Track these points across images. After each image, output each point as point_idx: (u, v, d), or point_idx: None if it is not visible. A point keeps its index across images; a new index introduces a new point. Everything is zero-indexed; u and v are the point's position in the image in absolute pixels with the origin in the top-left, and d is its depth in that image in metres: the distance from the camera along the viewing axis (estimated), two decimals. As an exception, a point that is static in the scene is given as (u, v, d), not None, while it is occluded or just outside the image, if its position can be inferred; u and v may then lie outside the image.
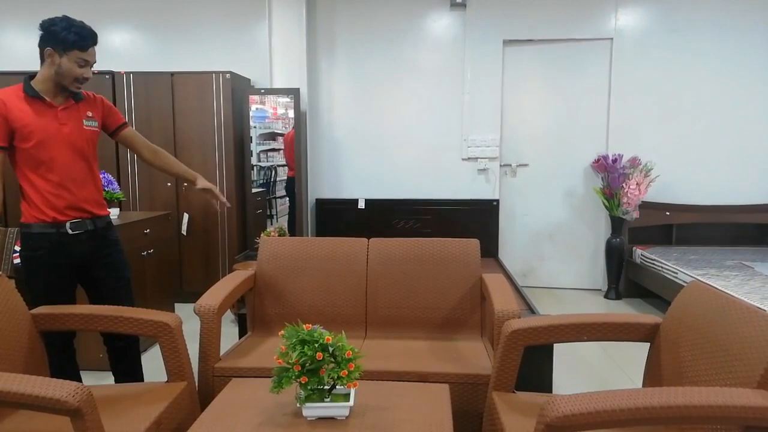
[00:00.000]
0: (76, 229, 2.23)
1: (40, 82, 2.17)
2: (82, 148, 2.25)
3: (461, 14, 4.98)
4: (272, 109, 4.99)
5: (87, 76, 2.19)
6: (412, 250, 2.72)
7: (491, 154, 5.05)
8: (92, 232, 2.29)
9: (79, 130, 2.24)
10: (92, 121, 2.29)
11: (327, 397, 1.63)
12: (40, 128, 2.13)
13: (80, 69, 2.15)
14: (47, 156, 2.15)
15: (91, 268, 2.32)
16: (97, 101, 2.35)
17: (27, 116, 2.11)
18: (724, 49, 4.76)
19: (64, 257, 2.23)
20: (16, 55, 5.14)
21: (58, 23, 2.12)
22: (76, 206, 2.23)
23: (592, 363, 3.43)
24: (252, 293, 2.71)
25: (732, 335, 1.57)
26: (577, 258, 5.17)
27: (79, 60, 2.14)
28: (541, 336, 1.94)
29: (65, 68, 2.13)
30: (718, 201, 4.85)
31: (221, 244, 4.67)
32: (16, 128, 2.10)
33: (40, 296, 2.20)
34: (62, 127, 2.18)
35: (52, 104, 2.17)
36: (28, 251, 2.21)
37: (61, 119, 2.18)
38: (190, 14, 5.04)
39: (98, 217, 2.32)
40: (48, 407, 1.41)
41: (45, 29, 2.13)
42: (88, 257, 2.30)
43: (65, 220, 2.20)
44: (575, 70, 4.97)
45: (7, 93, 2.12)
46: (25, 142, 2.12)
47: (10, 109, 2.09)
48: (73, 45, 2.11)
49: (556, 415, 1.32)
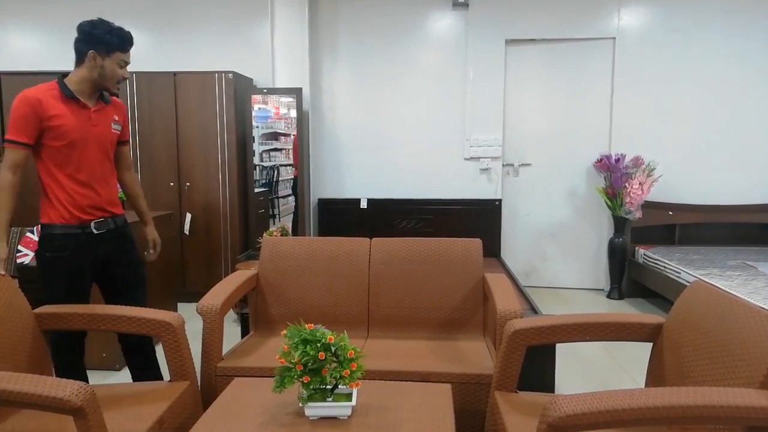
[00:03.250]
0: (100, 229, 2.26)
1: (76, 82, 2.20)
2: (107, 150, 2.31)
3: (463, 14, 4.98)
4: (275, 108, 4.99)
5: (126, 77, 2.26)
6: (414, 250, 2.72)
7: (494, 153, 5.05)
8: (114, 230, 2.33)
9: (108, 132, 2.30)
10: (117, 125, 2.36)
11: (329, 397, 1.64)
12: (75, 128, 2.16)
13: (121, 70, 2.22)
14: (77, 156, 2.19)
15: (110, 266, 2.35)
16: (120, 108, 2.41)
17: (63, 115, 2.14)
18: (728, 48, 4.75)
19: (89, 257, 2.26)
20: (16, 55, 5.16)
21: (99, 26, 2.17)
22: (100, 206, 2.27)
23: (595, 363, 3.42)
24: (254, 293, 2.71)
25: (735, 335, 1.57)
26: (579, 258, 5.17)
27: (120, 62, 2.21)
28: (543, 336, 1.93)
29: (108, 70, 2.19)
30: (721, 201, 4.84)
31: (223, 243, 4.67)
32: (51, 126, 2.12)
33: (59, 297, 2.21)
34: (93, 128, 2.23)
35: (86, 105, 2.21)
36: (53, 252, 2.20)
37: (94, 120, 2.23)
38: (192, 14, 5.05)
39: (117, 215, 2.37)
40: (51, 406, 1.41)
41: (86, 33, 2.17)
42: (110, 256, 2.33)
43: (90, 219, 2.23)
44: (578, 70, 4.96)
45: (42, 91, 2.14)
46: (57, 141, 2.14)
47: (45, 108, 2.11)
48: (116, 47, 2.18)
49: (559, 415, 1.32)
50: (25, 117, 2.09)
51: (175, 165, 4.64)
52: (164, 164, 4.64)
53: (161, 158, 4.63)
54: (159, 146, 4.62)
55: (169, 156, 4.61)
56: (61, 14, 5.11)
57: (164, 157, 4.62)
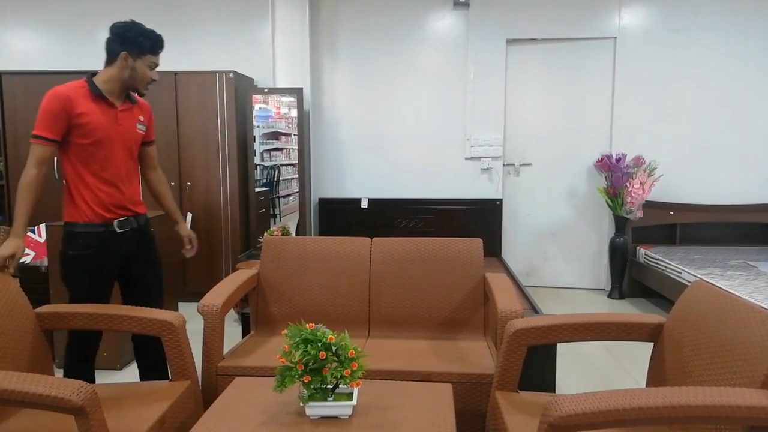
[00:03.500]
0: (123, 227, 2.28)
1: (105, 82, 2.22)
2: (132, 149, 2.33)
3: (464, 13, 4.98)
4: (275, 108, 4.99)
5: (155, 79, 2.30)
6: (415, 250, 2.72)
7: (494, 153, 5.05)
8: (136, 229, 2.35)
9: (133, 131, 2.32)
10: (142, 125, 2.38)
11: (330, 397, 1.64)
12: (102, 126, 2.18)
13: (150, 72, 2.27)
14: (103, 154, 2.20)
15: (132, 265, 2.36)
16: (146, 109, 2.43)
17: (91, 113, 2.16)
18: (729, 48, 4.75)
19: (112, 255, 2.27)
20: (17, 55, 5.16)
21: (133, 29, 2.22)
22: (123, 205, 2.28)
23: (596, 363, 3.42)
24: (255, 292, 2.71)
25: (736, 335, 1.57)
26: (580, 257, 5.16)
27: (151, 64, 2.27)
28: (544, 336, 1.93)
29: (140, 71, 2.23)
30: (722, 200, 4.84)
31: (224, 243, 4.67)
32: (78, 124, 2.13)
33: (82, 295, 2.22)
34: (119, 128, 2.25)
35: (114, 104, 2.24)
36: (76, 250, 2.22)
37: (120, 120, 2.25)
38: (193, 14, 5.05)
39: (140, 214, 2.38)
40: (52, 406, 1.42)
41: (120, 35, 2.20)
42: (132, 254, 2.34)
43: (113, 218, 2.25)
44: (579, 69, 4.96)
45: (72, 88, 2.16)
46: (83, 138, 2.16)
47: (74, 105, 2.12)
48: (148, 50, 2.24)
49: (560, 415, 1.32)
50: (54, 113, 2.10)
51: (176, 164, 4.64)
52: (165, 164, 4.61)
53: (162, 158, 4.56)
54: (160, 146, 4.52)
55: (170, 155, 4.61)
56: (61, 14, 5.11)
57: (165, 156, 4.62)
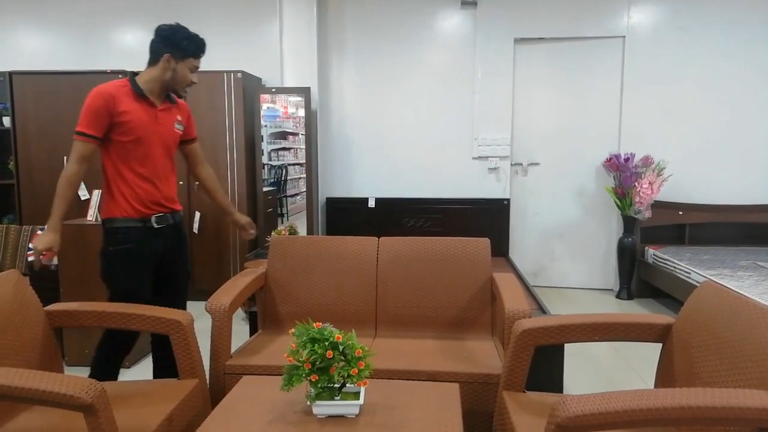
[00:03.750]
0: (160, 223, 2.33)
1: (146, 82, 2.27)
2: (170, 148, 2.39)
3: (472, 12, 4.97)
4: (283, 108, 5.01)
5: (195, 82, 2.36)
6: (422, 249, 2.71)
7: (502, 153, 5.04)
8: (172, 226, 2.40)
9: (171, 131, 2.37)
10: (180, 125, 2.43)
11: (337, 396, 1.64)
12: (142, 125, 2.23)
13: (191, 75, 2.33)
14: (142, 152, 2.25)
15: (165, 263, 2.40)
16: (184, 109, 2.48)
17: (133, 111, 2.21)
18: (739, 47, 4.71)
19: (150, 250, 2.31)
20: (28, 55, 5.21)
21: (178, 32, 2.27)
22: (159, 201, 2.33)
23: (604, 363, 3.41)
24: (263, 291, 2.72)
25: (745, 336, 1.55)
26: (588, 257, 5.14)
27: (192, 67, 2.32)
28: (552, 336, 1.93)
29: (181, 74, 2.29)
30: (731, 200, 4.80)
31: (232, 242, 4.69)
32: (120, 122, 2.18)
33: (125, 289, 2.26)
34: (158, 127, 2.30)
35: (154, 104, 2.29)
36: (116, 245, 2.26)
37: (159, 119, 2.30)
38: (201, 13, 5.07)
39: (176, 211, 2.43)
40: (62, 403, 1.43)
41: (165, 37, 2.26)
42: (167, 250, 2.38)
43: (150, 213, 2.30)
44: (587, 69, 4.93)
45: (115, 87, 2.21)
46: (124, 136, 2.21)
47: (117, 103, 2.17)
48: (191, 53, 2.30)
49: (567, 416, 1.31)
50: (98, 111, 2.15)
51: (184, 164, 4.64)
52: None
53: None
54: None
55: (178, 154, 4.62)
56: (71, 14, 5.14)
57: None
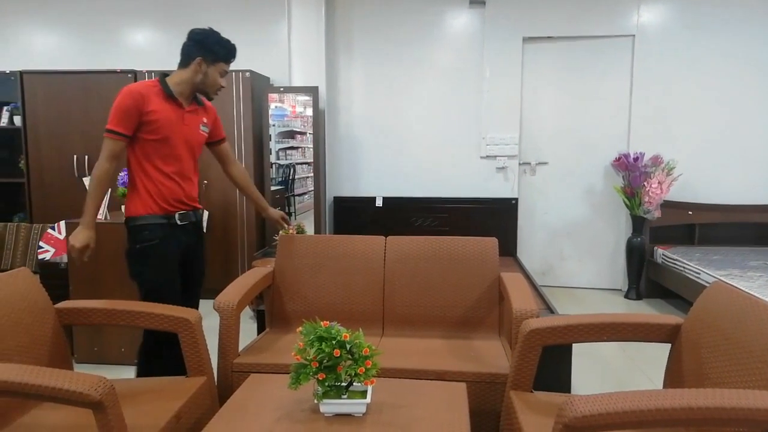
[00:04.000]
0: (183, 220, 2.37)
1: (177, 83, 2.32)
2: (194, 149, 2.42)
3: (480, 12, 4.95)
4: (291, 107, 5.02)
5: (224, 86, 2.41)
6: (429, 249, 2.71)
7: (510, 152, 5.02)
8: (194, 223, 2.45)
9: (196, 132, 2.41)
10: (206, 127, 2.47)
11: (344, 394, 1.64)
12: (169, 125, 2.27)
13: (221, 79, 2.37)
14: (167, 151, 2.29)
15: (187, 261, 2.44)
16: (210, 111, 2.51)
17: (161, 111, 2.25)
18: (749, 46, 4.67)
19: (174, 247, 2.35)
20: (37, 55, 5.25)
21: (210, 36, 2.31)
22: (182, 200, 2.37)
23: (612, 363, 3.39)
24: (270, 290, 2.73)
25: (755, 337, 1.54)
26: (596, 257, 5.12)
27: (222, 71, 2.36)
28: (559, 336, 1.92)
29: (211, 77, 2.33)
30: (741, 200, 4.76)
31: (240, 241, 4.71)
32: (148, 121, 2.23)
33: (155, 285, 2.30)
34: (184, 127, 2.34)
35: (182, 105, 2.33)
36: (143, 242, 2.29)
37: (186, 120, 2.34)
38: (210, 13, 5.09)
39: (198, 210, 2.48)
40: (71, 400, 1.44)
41: (197, 40, 2.30)
42: (189, 248, 2.42)
43: (174, 211, 2.34)
44: (596, 68, 4.91)
45: (145, 87, 2.26)
46: (151, 134, 2.25)
47: (146, 103, 2.22)
48: (222, 58, 2.34)
49: (575, 416, 1.31)
50: (128, 109, 2.19)
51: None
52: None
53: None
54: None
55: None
56: (81, 14, 5.18)
57: (182, 155, 4.66)
